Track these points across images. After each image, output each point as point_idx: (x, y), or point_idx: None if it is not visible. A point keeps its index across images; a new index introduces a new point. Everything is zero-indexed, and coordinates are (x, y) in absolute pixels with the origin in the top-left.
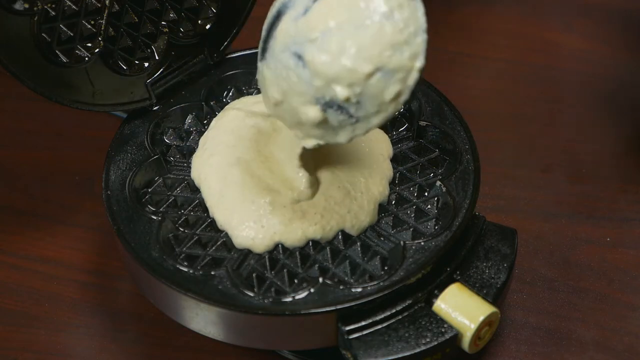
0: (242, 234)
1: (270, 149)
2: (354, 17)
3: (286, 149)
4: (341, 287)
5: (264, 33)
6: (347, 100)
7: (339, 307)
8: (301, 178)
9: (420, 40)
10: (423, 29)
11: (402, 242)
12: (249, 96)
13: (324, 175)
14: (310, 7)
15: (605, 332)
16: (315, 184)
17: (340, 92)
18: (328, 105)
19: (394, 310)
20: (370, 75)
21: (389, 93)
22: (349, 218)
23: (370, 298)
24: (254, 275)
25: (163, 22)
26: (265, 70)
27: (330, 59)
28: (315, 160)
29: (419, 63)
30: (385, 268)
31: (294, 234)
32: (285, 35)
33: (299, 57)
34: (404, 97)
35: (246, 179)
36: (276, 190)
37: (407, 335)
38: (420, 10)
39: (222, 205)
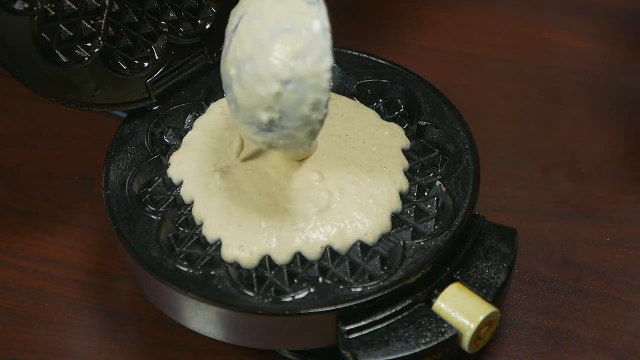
0: (232, 253)
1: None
2: (258, 39)
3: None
4: (341, 287)
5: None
6: (272, 122)
7: (339, 307)
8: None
9: (322, 42)
10: (326, 28)
11: (402, 242)
12: None
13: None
14: (232, 38)
15: (605, 332)
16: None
17: (264, 117)
18: (261, 128)
19: (394, 310)
20: (280, 93)
21: (307, 102)
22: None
23: (370, 298)
24: (254, 275)
25: (163, 22)
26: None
27: (247, 93)
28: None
29: (326, 64)
30: (385, 268)
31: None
32: (222, 76)
33: (232, 98)
34: (325, 100)
35: (230, 189)
36: (267, 201)
37: (407, 335)
38: (322, 12)
39: (211, 220)
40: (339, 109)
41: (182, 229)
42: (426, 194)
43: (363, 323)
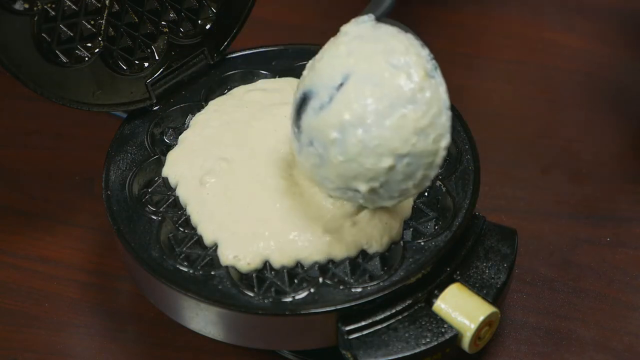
0: (228, 261)
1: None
2: (374, 108)
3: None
4: (341, 287)
5: (293, 109)
6: (371, 191)
7: (339, 307)
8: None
9: (444, 120)
10: (447, 106)
11: (402, 242)
12: (227, 95)
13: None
14: (334, 96)
15: (605, 332)
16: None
17: (362, 188)
18: (351, 192)
19: (394, 310)
20: (392, 167)
21: (416, 178)
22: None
23: (370, 298)
24: (254, 275)
25: (163, 22)
26: (297, 145)
27: (350, 161)
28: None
29: (445, 142)
30: (385, 268)
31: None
32: (308, 128)
33: (321, 157)
34: (433, 175)
35: (219, 193)
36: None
37: (407, 335)
38: (442, 87)
39: (204, 224)
40: None
41: (182, 229)
42: (426, 194)
43: (363, 323)
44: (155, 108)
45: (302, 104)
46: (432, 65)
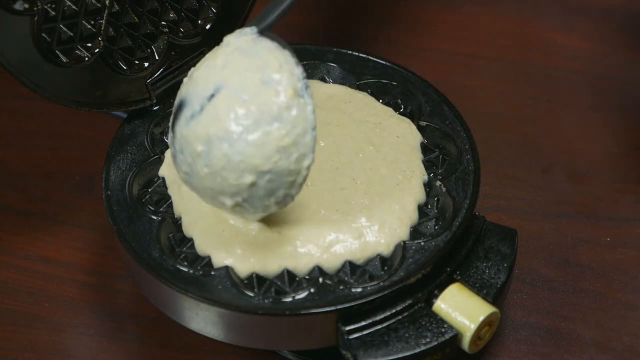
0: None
1: None
2: (239, 123)
3: None
4: (341, 287)
5: (172, 115)
6: (236, 205)
7: (339, 307)
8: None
9: (309, 139)
10: (312, 126)
11: (402, 242)
12: None
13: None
14: (204, 106)
15: (605, 332)
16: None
17: (227, 202)
18: (219, 203)
19: (394, 311)
20: (253, 184)
21: (278, 195)
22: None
23: (370, 298)
24: (254, 275)
25: (163, 22)
26: (172, 151)
27: (214, 174)
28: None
29: (307, 162)
30: (385, 268)
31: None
32: (180, 136)
33: (190, 166)
34: (295, 194)
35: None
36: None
37: (407, 335)
38: (309, 107)
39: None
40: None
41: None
42: (426, 194)
43: (363, 323)
44: (155, 108)
45: (177, 110)
46: (303, 84)
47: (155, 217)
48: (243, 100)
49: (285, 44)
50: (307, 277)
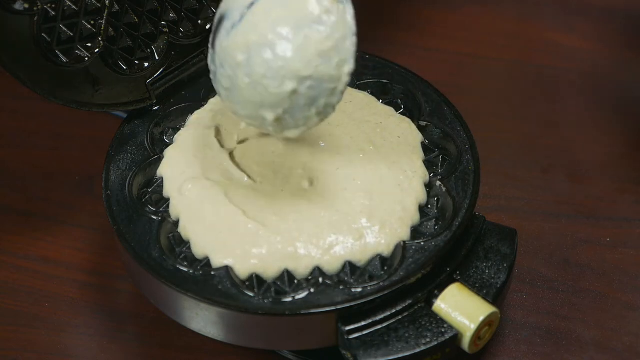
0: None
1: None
2: (279, 28)
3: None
4: (341, 287)
5: (211, 35)
6: (277, 119)
7: (339, 307)
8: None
9: (349, 44)
10: (352, 32)
11: (402, 242)
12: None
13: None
14: (244, 14)
15: (605, 332)
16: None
17: (269, 116)
18: (259, 119)
19: (394, 311)
20: (294, 91)
21: (319, 104)
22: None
23: (370, 298)
24: (254, 275)
25: (163, 22)
26: (212, 68)
27: (255, 83)
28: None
29: (348, 67)
30: (385, 268)
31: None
32: (220, 49)
33: (231, 79)
34: (336, 103)
35: (208, 206)
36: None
37: (407, 335)
38: (349, 13)
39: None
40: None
41: None
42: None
43: (363, 323)
44: (155, 108)
45: (218, 25)
46: None
47: (155, 217)
48: (282, 5)
49: None
50: (307, 278)
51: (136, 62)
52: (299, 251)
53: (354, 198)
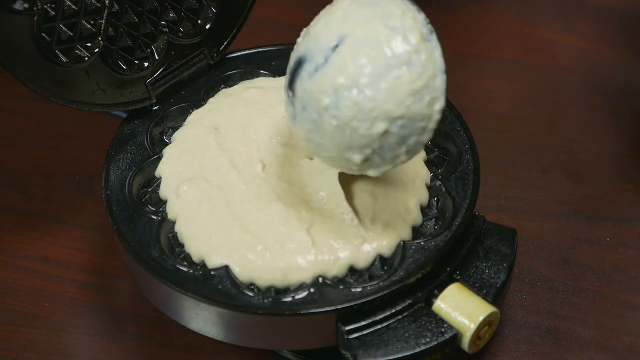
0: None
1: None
2: (369, 69)
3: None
4: (341, 287)
5: (287, 75)
6: (365, 160)
7: (339, 307)
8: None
9: (439, 83)
10: (442, 70)
11: (402, 242)
12: (225, 92)
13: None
14: (329, 57)
15: (605, 332)
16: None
17: (356, 158)
18: (344, 161)
19: (394, 311)
20: (386, 132)
21: (409, 143)
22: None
23: (370, 298)
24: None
25: (163, 22)
26: (292, 111)
27: (344, 126)
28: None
29: (439, 105)
30: (385, 268)
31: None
32: (303, 92)
33: (316, 122)
34: (425, 141)
35: (206, 208)
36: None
37: (407, 335)
38: (437, 51)
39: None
40: None
41: None
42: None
43: (363, 323)
44: (155, 108)
45: (297, 68)
46: (429, 30)
47: (155, 217)
48: (370, 47)
49: None
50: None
51: (136, 62)
52: (297, 261)
53: (354, 199)
